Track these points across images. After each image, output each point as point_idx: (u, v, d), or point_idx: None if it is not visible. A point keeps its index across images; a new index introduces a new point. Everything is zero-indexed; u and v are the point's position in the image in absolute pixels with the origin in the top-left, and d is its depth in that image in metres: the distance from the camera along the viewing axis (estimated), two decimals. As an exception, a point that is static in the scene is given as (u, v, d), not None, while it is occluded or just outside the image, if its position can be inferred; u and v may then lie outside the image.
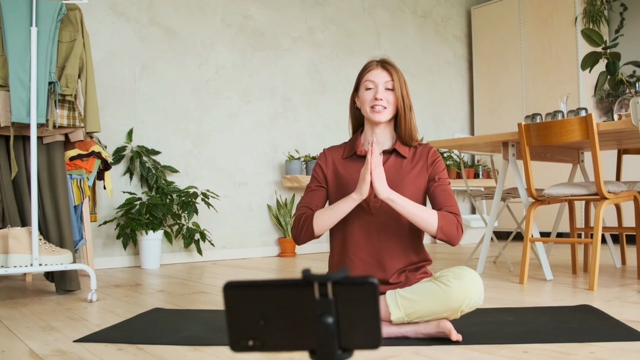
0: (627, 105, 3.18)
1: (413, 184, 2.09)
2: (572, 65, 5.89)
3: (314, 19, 5.70)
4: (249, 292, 0.65)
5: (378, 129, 2.13)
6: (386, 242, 2.08)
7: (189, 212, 4.38)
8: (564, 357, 1.70)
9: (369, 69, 2.12)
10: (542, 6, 6.15)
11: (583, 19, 5.82)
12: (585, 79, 5.85)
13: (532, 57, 6.26)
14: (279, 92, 5.42)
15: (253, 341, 0.66)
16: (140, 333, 2.11)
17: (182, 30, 4.81)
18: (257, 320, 0.66)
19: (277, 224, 5.26)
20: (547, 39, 6.11)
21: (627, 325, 2.06)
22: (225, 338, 1.99)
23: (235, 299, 0.66)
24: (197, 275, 3.87)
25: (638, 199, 3.15)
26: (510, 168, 3.47)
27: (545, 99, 6.09)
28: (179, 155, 4.76)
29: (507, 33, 6.49)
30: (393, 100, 2.08)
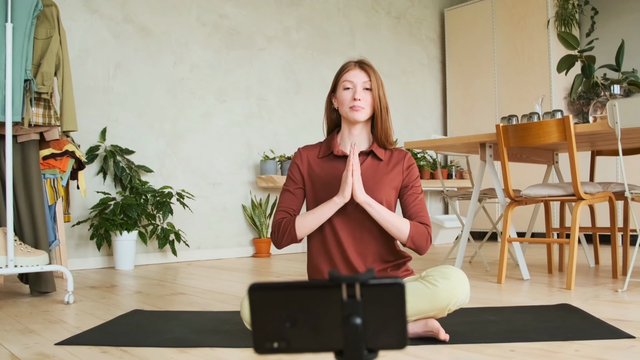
0: (602, 107, 3.24)
1: (388, 186, 2.11)
2: (544, 67, 5.98)
3: (289, 18, 5.68)
4: (276, 294, 0.65)
5: (355, 130, 2.14)
6: (364, 242, 2.09)
7: (164, 212, 4.33)
8: (550, 356, 1.72)
9: (347, 69, 2.13)
10: (515, 9, 6.23)
11: (555, 22, 5.91)
12: (558, 82, 5.95)
13: (505, 59, 6.34)
14: (254, 92, 5.39)
15: (278, 343, 0.65)
16: (123, 335, 2.07)
17: (157, 29, 4.76)
18: (283, 322, 0.65)
19: (252, 224, 5.24)
20: (519, 41, 6.20)
21: (608, 324, 2.10)
22: (211, 339, 1.97)
23: (261, 300, 0.65)
24: (173, 276, 3.83)
25: (613, 199, 3.21)
26: (488, 169, 3.50)
27: (518, 101, 6.18)
28: (153, 154, 4.70)
29: (480, 35, 6.57)
30: (371, 100, 2.10)
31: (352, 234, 2.09)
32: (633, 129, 2.84)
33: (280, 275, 3.80)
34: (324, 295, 0.65)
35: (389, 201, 2.10)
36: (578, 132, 2.96)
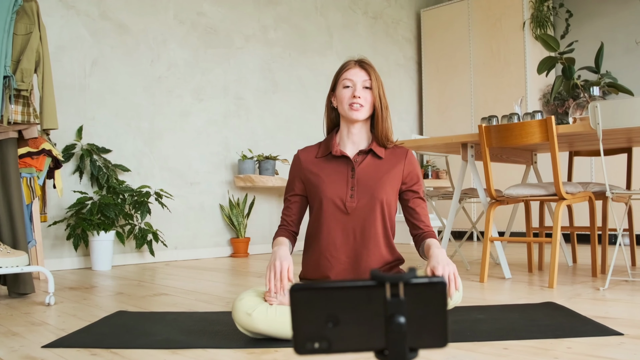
0: (582, 108, 3.29)
1: (389, 185, 2.12)
2: (520, 68, 6.06)
3: (266, 17, 5.66)
4: (318, 294, 0.64)
5: (354, 128, 2.14)
6: (362, 243, 2.09)
7: (142, 212, 4.27)
8: (543, 353, 1.74)
9: (346, 68, 2.13)
10: (490, 10, 6.30)
11: (531, 24, 5.99)
12: (533, 83, 6.03)
13: (481, 60, 6.41)
14: (232, 91, 5.35)
15: (319, 343, 0.64)
16: (111, 337, 2.04)
17: (134, 26, 4.69)
18: (324, 322, 0.64)
19: (230, 224, 5.20)
20: (495, 43, 6.26)
21: (595, 321, 2.13)
22: (202, 341, 1.95)
23: (303, 301, 0.64)
24: (152, 276, 3.78)
25: (593, 199, 3.26)
26: (469, 169, 3.53)
27: (494, 102, 6.25)
28: (130, 153, 4.63)
29: (456, 36, 6.63)
30: (371, 99, 2.10)
31: (350, 234, 2.08)
32: (613, 130, 2.89)
33: (262, 275, 3.78)
34: (367, 295, 0.64)
35: (389, 200, 2.10)
36: (560, 133, 3.01)
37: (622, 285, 2.99)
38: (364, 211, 2.07)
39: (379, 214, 2.09)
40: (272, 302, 1.93)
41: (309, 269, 2.21)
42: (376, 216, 2.08)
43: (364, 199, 2.08)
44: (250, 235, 5.36)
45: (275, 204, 5.63)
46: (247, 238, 5.20)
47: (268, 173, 5.21)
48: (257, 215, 5.46)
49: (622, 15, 5.91)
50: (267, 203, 5.56)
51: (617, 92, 3.30)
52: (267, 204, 5.55)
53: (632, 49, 5.79)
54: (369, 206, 2.08)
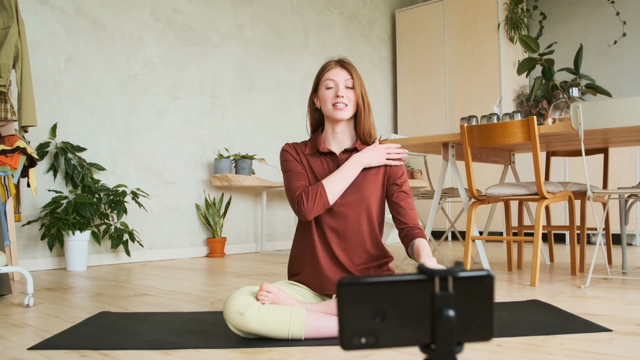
0: (562, 109, 3.34)
1: (375, 181, 2.13)
2: (494, 69, 6.12)
3: (243, 15, 5.62)
4: (366, 289, 0.62)
5: (338, 128, 2.14)
6: (349, 240, 2.09)
7: (118, 211, 4.20)
8: (536, 350, 1.75)
9: (328, 69, 2.13)
10: (465, 12, 6.36)
11: (505, 25, 6.07)
12: (507, 84, 6.10)
13: (456, 61, 6.46)
14: (208, 89, 5.30)
15: (366, 338, 0.63)
16: (98, 338, 1.99)
17: (109, 22, 4.61)
18: (372, 317, 0.63)
19: (206, 223, 5.15)
20: (470, 44, 6.32)
21: (583, 318, 2.16)
22: (193, 341, 1.92)
23: (351, 296, 0.62)
24: (129, 277, 3.72)
25: (572, 199, 3.31)
26: (450, 168, 3.55)
27: (469, 102, 6.30)
28: (105, 152, 4.55)
29: (431, 37, 6.67)
30: (353, 98, 2.10)
31: (338, 229, 2.08)
32: (592, 131, 2.94)
33: (241, 275, 3.75)
34: (415, 289, 0.63)
35: (375, 198, 2.10)
36: (542, 133, 3.04)
37: (602, 283, 3.05)
38: (349, 208, 2.07)
39: (363, 211, 2.09)
40: (265, 301, 1.92)
41: (295, 266, 2.20)
42: (360, 214, 2.09)
43: (349, 196, 2.08)
44: (227, 235, 5.32)
45: (252, 203, 5.59)
46: (224, 238, 5.16)
47: (245, 172, 5.18)
48: (233, 215, 5.42)
49: (595, 18, 6.03)
50: (244, 203, 5.52)
51: (595, 94, 3.36)
52: (243, 203, 5.52)
53: (604, 51, 5.90)
54: (354, 204, 2.08)
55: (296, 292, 2.09)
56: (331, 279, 2.08)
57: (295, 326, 1.89)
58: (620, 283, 3.06)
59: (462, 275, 0.64)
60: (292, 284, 2.15)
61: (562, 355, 1.69)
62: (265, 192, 5.48)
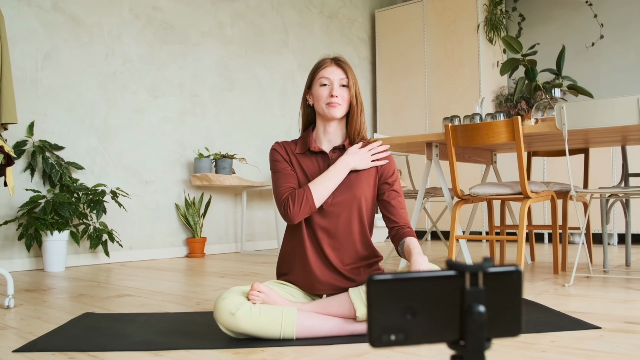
0: (544, 109, 3.37)
1: (366, 180, 2.11)
2: (474, 70, 6.17)
3: (223, 14, 5.58)
4: (397, 286, 0.61)
5: (330, 127, 2.13)
6: (340, 240, 2.08)
7: (97, 211, 4.13)
8: (529, 347, 1.76)
9: (323, 66, 2.11)
10: (445, 12, 6.39)
11: (485, 26, 6.11)
12: (486, 84, 6.15)
13: (435, 62, 6.49)
14: (188, 88, 5.25)
15: (396, 335, 0.62)
16: (85, 340, 1.95)
17: (88, 19, 4.54)
18: (402, 314, 0.62)
19: (186, 223, 5.10)
20: (450, 45, 6.36)
21: (571, 316, 2.18)
22: (183, 342, 1.89)
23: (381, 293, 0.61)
24: (110, 277, 3.66)
25: (555, 198, 3.34)
26: (434, 168, 3.57)
27: (448, 102, 6.34)
28: (84, 151, 4.48)
29: (411, 37, 6.69)
30: (348, 97, 2.09)
31: (327, 230, 2.06)
32: (574, 131, 2.97)
33: (224, 275, 3.71)
34: (445, 285, 0.62)
35: (366, 196, 2.09)
36: (526, 133, 3.07)
37: (585, 282, 3.08)
38: (340, 208, 2.06)
39: (355, 210, 2.08)
40: (256, 301, 1.89)
41: (284, 266, 2.18)
42: (352, 213, 2.08)
43: (340, 195, 2.07)
44: (207, 235, 5.28)
45: (232, 203, 5.55)
46: (203, 238, 5.11)
47: (225, 172, 5.14)
48: (213, 215, 5.38)
49: (573, 20, 6.11)
50: (224, 202, 5.48)
51: (576, 94, 3.39)
52: (223, 203, 5.47)
53: (582, 53, 5.98)
54: (345, 203, 2.07)
55: (286, 292, 2.07)
56: (321, 279, 2.07)
57: (287, 326, 1.87)
58: (602, 281, 3.10)
59: (492, 271, 0.63)
60: (282, 283, 2.13)
61: (555, 352, 1.70)
62: (245, 192, 5.45)
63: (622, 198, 3.42)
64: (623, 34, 5.82)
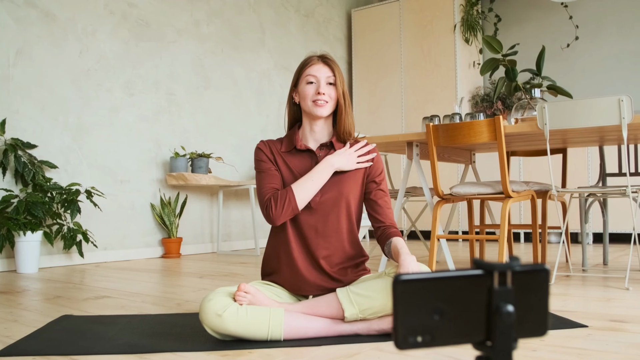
0: (524, 109, 3.39)
1: (353, 179, 2.10)
2: (450, 70, 6.19)
3: (199, 11, 5.51)
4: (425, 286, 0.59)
5: (317, 126, 2.11)
6: (326, 238, 2.05)
7: (72, 211, 4.05)
8: (519, 346, 1.76)
9: (310, 64, 2.09)
10: (422, 12, 6.41)
11: (461, 27, 6.14)
12: (462, 85, 6.18)
13: (412, 62, 6.50)
14: (163, 86, 5.18)
15: (422, 337, 0.60)
16: (67, 343, 1.90)
17: (62, 15, 4.44)
18: (429, 315, 0.59)
19: (161, 223, 5.02)
20: (426, 45, 6.38)
21: (558, 315, 2.19)
22: (167, 344, 1.85)
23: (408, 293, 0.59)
24: (85, 278, 3.59)
25: (535, 197, 3.36)
26: (415, 168, 3.56)
27: (424, 102, 6.36)
28: (57, 149, 4.38)
29: (387, 37, 6.70)
30: (335, 95, 2.07)
31: (315, 228, 2.04)
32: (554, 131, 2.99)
33: (202, 275, 3.66)
34: (472, 284, 0.60)
35: (354, 195, 2.07)
36: (507, 133, 3.08)
37: (565, 281, 3.10)
38: (328, 206, 2.04)
39: (343, 208, 2.06)
40: (242, 302, 1.86)
41: (270, 266, 2.14)
42: (340, 211, 2.06)
43: (328, 194, 2.04)
44: (183, 235, 5.21)
45: (208, 203, 5.49)
46: (179, 238, 5.05)
47: (201, 171, 5.08)
48: (189, 215, 5.31)
49: (549, 21, 6.17)
50: (200, 202, 5.42)
51: (555, 94, 3.42)
52: (199, 203, 5.41)
53: (557, 54, 6.05)
54: (333, 201, 2.04)
55: (272, 293, 2.04)
56: (308, 279, 2.04)
57: (275, 327, 1.84)
58: (581, 280, 3.13)
59: (521, 270, 0.61)
60: (267, 284, 2.10)
61: (545, 351, 1.69)
62: (221, 192, 5.39)
63: (601, 198, 3.46)
64: (597, 35, 5.90)
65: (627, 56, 5.76)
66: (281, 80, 6.28)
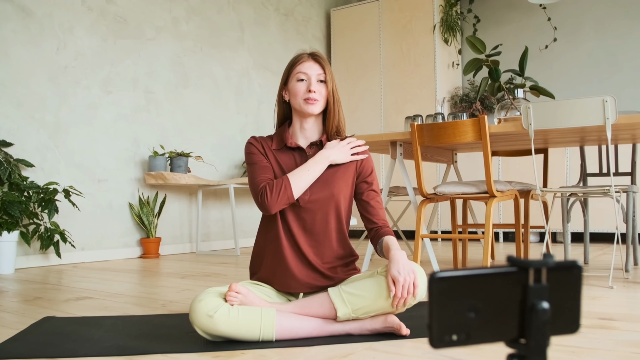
0: (507, 109, 3.41)
1: (343, 177, 2.08)
2: (429, 70, 6.21)
3: (178, 8, 5.45)
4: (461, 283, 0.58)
5: (307, 123, 2.09)
6: (316, 237, 2.04)
7: (50, 210, 3.97)
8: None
9: (300, 61, 2.07)
10: (401, 13, 6.42)
11: (440, 27, 6.17)
12: (441, 85, 6.20)
13: (391, 61, 6.51)
14: (142, 84, 5.10)
15: (457, 335, 0.58)
16: (53, 345, 1.85)
17: (38, 10, 4.35)
18: (465, 313, 0.58)
19: (140, 223, 4.95)
20: (405, 45, 6.39)
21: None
22: (158, 345, 1.81)
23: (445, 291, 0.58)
24: (64, 279, 3.52)
25: (517, 197, 3.38)
26: (398, 167, 3.56)
27: (403, 102, 6.37)
28: (34, 148, 4.29)
29: (366, 37, 6.70)
30: (325, 93, 2.06)
31: (305, 226, 2.02)
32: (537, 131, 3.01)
33: (184, 276, 3.61)
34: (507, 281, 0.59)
35: (344, 194, 2.06)
36: (492, 133, 3.09)
37: (548, 279, 3.12)
38: (318, 205, 2.02)
39: (333, 207, 2.04)
40: (234, 302, 1.83)
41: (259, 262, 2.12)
42: (330, 210, 2.04)
43: (318, 193, 2.03)
44: (161, 235, 5.14)
45: (187, 202, 5.43)
46: (158, 238, 4.98)
47: (181, 170, 5.02)
48: (168, 215, 5.25)
49: (527, 23, 6.23)
50: (178, 202, 5.36)
51: (538, 95, 3.44)
52: (178, 202, 5.35)
53: (535, 55, 6.11)
54: (323, 199, 2.03)
55: (261, 292, 2.02)
56: (298, 278, 2.02)
57: (267, 328, 1.81)
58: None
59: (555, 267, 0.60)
60: (256, 283, 2.07)
61: (539, 350, 1.70)
62: (200, 191, 5.34)
63: (582, 197, 3.50)
64: (575, 37, 5.97)
65: (604, 57, 5.84)
66: (260, 80, 6.24)
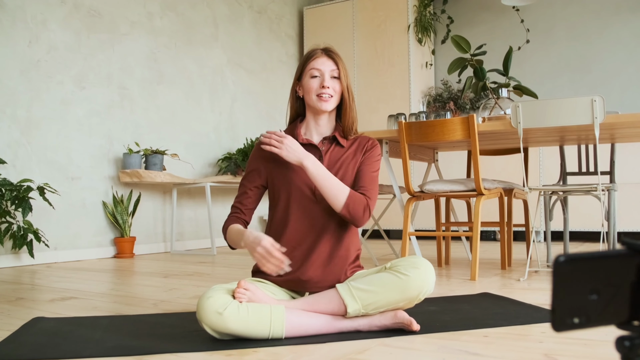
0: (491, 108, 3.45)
1: (352, 173, 2.06)
2: (403, 70, 6.24)
3: (152, 3, 5.35)
4: (585, 266, 0.57)
5: (321, 120, 2.07)
6: (327, 231, 2.01)
7: (23, 209, 3.84)
8: (524, 338, 1.77)
9: (314, 57, 2.05)
10: (375, 12, 6.43)
11: (415, 27, 6.21)
12: (415, 84, 6.23)
13: (365, 61, 6.52)
14: (116, 80, 4.99)
15: (579, 318, 0.58)
16: (51, 347, 1.78)
17: (10, 1, 4.22)
18: (587, 296, 0.58)
19: (114, 222, 4.84)
20: (380, 44, 6.41)
21: (546, 309, 2.22)
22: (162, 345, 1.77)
23: (568, 274, 0.58)
24: (41, 279, 3.41)
25: (503, 195, 3.42)
26: (384, 165, 3.56)
27: (377, 101, 6.38)
28: (5, 144, 4.15)
29: (340, 35, 6.69)
30: (339, 89, 2.04)
31: (316, 222, 1.99)
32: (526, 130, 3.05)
33: (167, 275, 3.54)
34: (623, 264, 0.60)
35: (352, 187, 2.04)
36: (481, 131, 3.11)
37: (535, 276, 3.17)
38: (324, 205, 2.00)
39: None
40: (242, 299, 1.80)
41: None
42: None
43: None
44: (136, 235, 5.04)
45: (161, 201, 5.34)
46: (133, 237, 4.88)
47: (156, 168, 4.92)
48: (142, 214, 5.15)
49: (500, 24, 6.32)
50: (153, 200, 5.26)
51: (521, 94, 3.49)
52: (152, 201, 5.25)
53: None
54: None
55: (266, 290, 1.98)
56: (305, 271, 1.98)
57: (276, 325, 1.78)
58: (549, 275, 3.20)
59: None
60: (260, 281, 2.03)
61: (551, 342, 1.71)
62: (175, 190, 5.25)
63: (562, 196, 3.55)
64: (547, 39, 6.08)
65: (575, 60, 5.96)
66: (234, 77, 6.17)
